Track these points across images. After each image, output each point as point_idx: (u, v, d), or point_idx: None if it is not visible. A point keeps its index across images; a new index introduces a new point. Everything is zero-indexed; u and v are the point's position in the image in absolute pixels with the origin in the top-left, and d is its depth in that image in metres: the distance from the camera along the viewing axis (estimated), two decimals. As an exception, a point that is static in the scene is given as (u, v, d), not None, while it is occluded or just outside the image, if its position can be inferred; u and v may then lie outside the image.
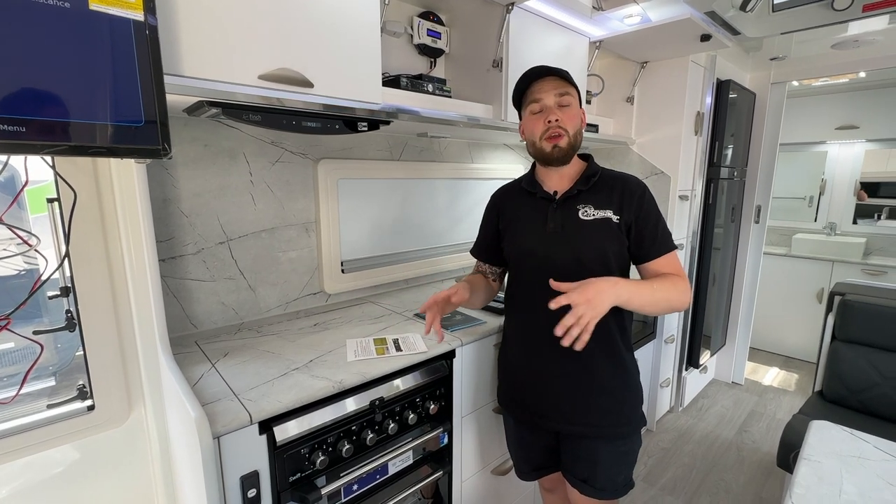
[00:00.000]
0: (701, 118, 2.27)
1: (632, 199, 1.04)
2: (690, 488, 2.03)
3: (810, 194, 3.79)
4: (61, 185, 1.06)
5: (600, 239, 1.04)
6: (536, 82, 1.06)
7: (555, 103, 1.04)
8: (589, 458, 1.13)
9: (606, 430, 1.10)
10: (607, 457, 1.12)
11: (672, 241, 1.07)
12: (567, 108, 1.04)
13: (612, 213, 1.04)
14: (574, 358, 1.05)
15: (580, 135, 1.08)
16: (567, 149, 1.05)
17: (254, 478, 0.88)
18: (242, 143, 1.33)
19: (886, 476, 0.89)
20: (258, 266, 1.41)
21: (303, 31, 1.04)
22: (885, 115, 3.35)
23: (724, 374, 3.09)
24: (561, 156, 1.05)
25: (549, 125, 1.03)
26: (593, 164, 1.12)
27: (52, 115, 0.67)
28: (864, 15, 1.57)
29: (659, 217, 1.06)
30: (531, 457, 1.26)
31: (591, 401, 1.09)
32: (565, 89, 1.05)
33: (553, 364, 1.10)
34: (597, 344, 1.03)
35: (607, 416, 1.09)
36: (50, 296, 1.12)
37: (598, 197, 1.06)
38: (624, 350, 1.11)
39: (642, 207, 1.04)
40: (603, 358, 1.08)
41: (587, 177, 1.08)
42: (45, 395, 1.16)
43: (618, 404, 1.10)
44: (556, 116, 1.03)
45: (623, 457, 1.14)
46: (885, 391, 1.72)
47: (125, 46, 0.71)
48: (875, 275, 3.13)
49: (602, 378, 1.08)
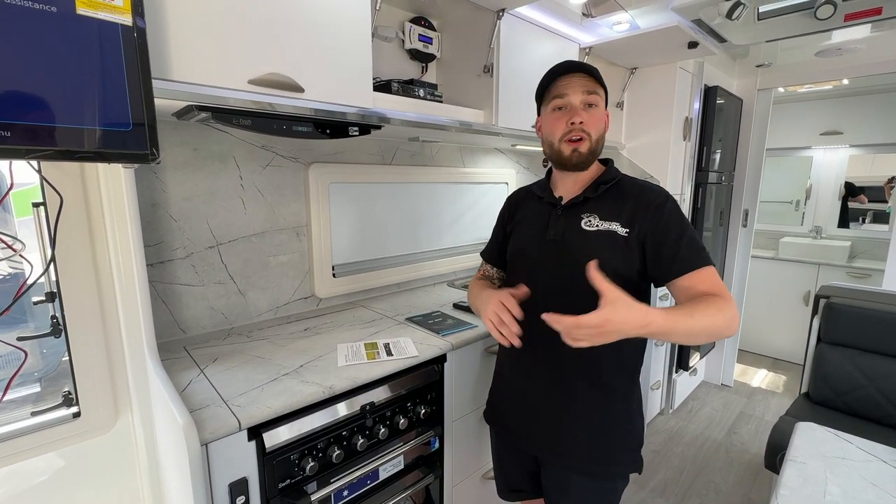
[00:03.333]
0: (689, 123, 2.30)
1: (646, 212, 0.92)
2: (680, 490, 2.04)
3: (797, 198, 3.86)
4: (47, 189, 1.05)
5: (600, 252, 0.91)
6: (563, 77, 0.95)
7: (581, 102, 0.93)
8: (563, 490, 1.03)
9: (586, 465, 0.99)
10: (584, 493, 1.01)
11: (704, 257, 0.89)
12: (593, 110, 0.94)
13: (620, 225, 0.93)
14: (558, 381, 0.99)
15: (602, 140, 0.98)
16: (587, 154, 0.95)
17: (242, 485, 0.87)
18: (233, 146, 1.32)
19: (869, 476, 0.90)
20: (248, 270, 1.40)
21: (293, 36, 1.04)
22: (868, 121, 3.43)
23: (714, 376, 3.12)
24: (580, 161, 0.96)
25: (572, 127, 0.93)
26: (611, 169, 1.01)
27: (38, 120, 0.66)
28: (846, 24, 1.61)
29: (684, 231, 0.90)
30: (509, 477, 1.19)
31: (573, 431, 0.99)
32: (594, 88, 0.94)
33: (537, 384, 1.02)
34: (581, 369, 0.96)
35: (591, 450, 0.98)
36: (35, 301, 1.11)
37: (606, 206, 0.96)
38: (617, 378, 0.98)
39: (660, 221, 0.91)
40: (588, 386, 0.97)
41: (598, 183, 0.98)
42: (30, 401, 1.14)
43: (604, 440, 0.98)
44: (580, 118, 0.93)
45: (604, 493, 1.02)
46: (870, 393, 1.74)
47: (113, 51, 0.71)
48: (860, 277, 3.19)
49: (585, 407, 0.98)
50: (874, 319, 1.79)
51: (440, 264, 1.95)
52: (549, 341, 0.88)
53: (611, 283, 0.77)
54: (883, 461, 0.95)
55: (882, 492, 0.86)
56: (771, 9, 1.64)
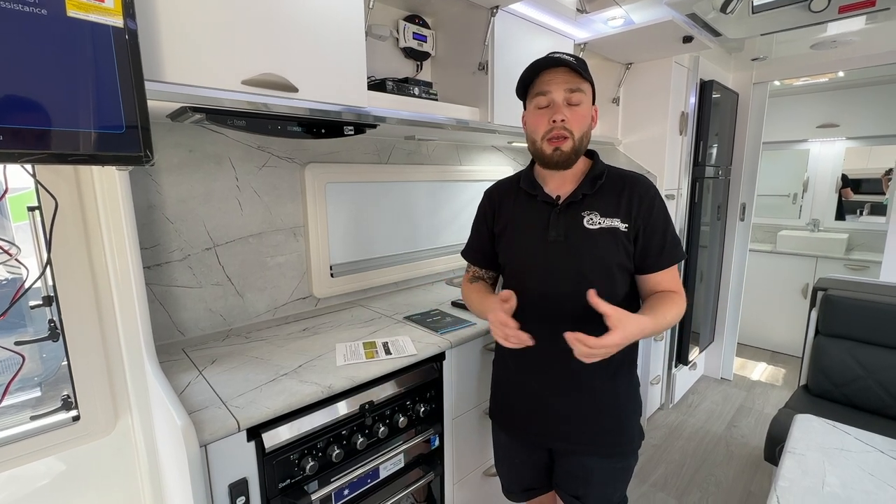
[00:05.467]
0: (685, 118, 2.30)
1: (640, 206, 0.95)
2: (681, 484, 2.05)
3: (794, 191, 3.86)
4: (42, 192, 1.05)
5: (605, 250, 0.94)
6: (547, 72, 0.93)
7: (563, 100, 0.91)
8: (583, 475, 1.07)
9: (604, 448, 1.05)
10: (602, 474, 1.07)
11: (680, 251, 0.98)
12: (576, 108, 0.92)
13: (620, 220, 0.94)
14: (575, 379, 1.01)
15: (587, 137, 0.96)
16: (570, 153, 0.93)
17: (242, 485, 0.87)
18: (228, 147, 1.32)
19: (867, 467, 0.91)
20: (246, 271, 1.40)
21: (286, 36, 1.03)
22: (864, 114, 3.43)
23: (713, 370, 3.13)
24: (561, 160, 0.94)
25: (554, 125, 0.92)
26: (598, 162, 1.01)
27: (30, 123, 0.66)
28: (841, 16, 1.61)
29: (667, 224, 0.97)
30: (523, 477, 1.19)
31: (592, 421, 1.03)
32: (577, 84, 0.92)
33: (553, 385, 1.03)
34: (598, 366, 0.93)
35: (608, 434, 1.04)
36: (32, 305, 1.10)
37: (604, 202, 0.96)
38: (626, 369, 1.05)
39: (651, 215, 0.95)
40: (605, 379, 1.02)
41: (593, 179, 0.97)
42: (30, 406, 1.14)
43: (618, 423, 1.04)
44: (561, 116, 0.91)
45: (619, 473, 1.08)
46: (868, 384, 1.75)
47: (104, 53, 0.71)
48: (857, 270, 3.20)
49: (604, 399, 1.03)
50: (871, 311, 1.79)
51: (438, 263, 1.95)
52: (555, 337, 0.89)
53: (608, 305, 0.83)
54: (881, 452, 0.96)
55: (880, 482, 0.86)
56: (765, 2, 1.64)
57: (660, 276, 0.98)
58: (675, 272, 0.99)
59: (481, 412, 1.42)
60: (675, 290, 0.98)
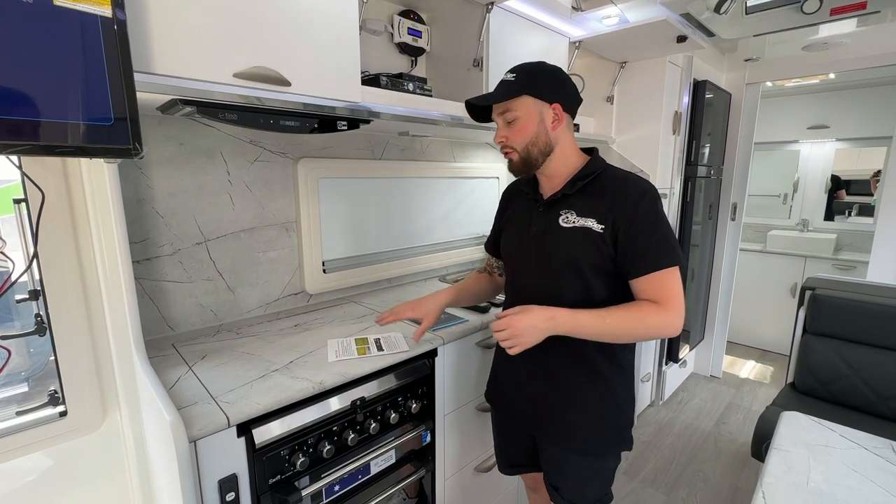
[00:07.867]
0: (678, 118, 2.31)
1: (623, 207, 0.92)
2: (670, 480, 2.08)
3: (784, 192, 3.90)
4: (28, 185, 1.03)
5: (575, 248, 0.96)
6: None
7: (503, 121, 1.00)
8: (558, 466, 1.10)
9: (580, 446, 1.05)
10: (576, 470, 1.08)
11: (668, 258, 0.91)
12: (512, 125, 0.99)
13: (596, 221, 0.94)
14: (545, 367, 1.05)
15: (535, 144, 0.98)
16: (519, 163, 1.01)
17: (232, 481, 0.87)
18: (220, 141, 1.31)
19: (851, 463, 0.92)
20: (237, 267, 1.39)
21: (279, 29, 1.02)
22: (854, 116, 3.47)
23: (703, 367, 3.16)
24: (516, 170, 1.03)
25: (500, 145, 1.03)
26: (593, 162, 1.02)
27: (15, 114, 0.65)
28: (832, 18, 1.63)
29: (656, 228, 0.91)
30: (509, 453, 1.26)
31: (562, 413, 1.05)
32: (506, 106, 0.98)
33: (528, 368, 1.08)
34: (569, 355, 1.02)
35: (578, 431, 1.04)
36: (18, 299, 1.09)
37: (584, 203, 0.98)
38: (605, 364, 1.02)
39: (635, 217, 0.91)
40: (576, 370, 1.02)
41: (575, 180, 0.99)
42: (16, 401, 1.13)
43: (592, 423, 1.04)
44: (499, 138, 1.02)
45: (593, 472, 1.09)
46: (854, 382, 1.78)
47: (92, 43, 0.70)
48: (845, 270, 3.24)
49: (573, 392, 1.03)
50: (858, 310, 1.82)
51: (431, 259, 1.95)
52: None
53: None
54: (865, 448, 0.97)
55: (863, 478, 0.88)
56: (758, 3, 1.65)
57: (643, 283, 0.92)
58: (662, 280, 0.90)
59: (473, 408, 1.43)
60: (657, 299, 0.90)
